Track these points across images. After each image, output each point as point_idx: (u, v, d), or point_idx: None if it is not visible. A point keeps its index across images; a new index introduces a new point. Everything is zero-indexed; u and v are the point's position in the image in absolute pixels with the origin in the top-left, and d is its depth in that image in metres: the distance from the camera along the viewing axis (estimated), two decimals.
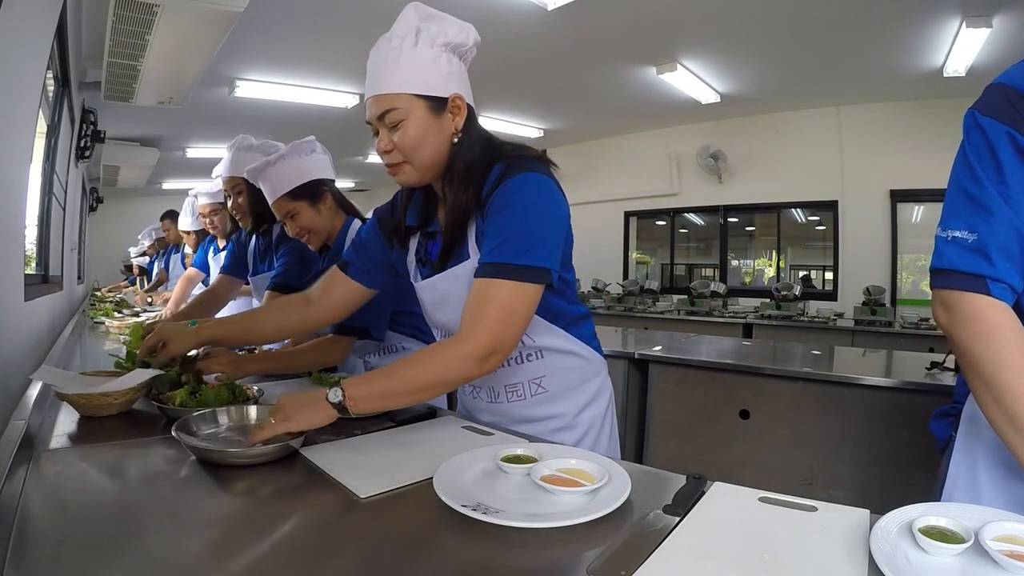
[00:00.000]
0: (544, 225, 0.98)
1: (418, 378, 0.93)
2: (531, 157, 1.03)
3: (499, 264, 0.94)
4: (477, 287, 0.96)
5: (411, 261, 1.18)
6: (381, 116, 1.00)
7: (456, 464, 0.83)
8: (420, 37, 0.99)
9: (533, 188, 0.98)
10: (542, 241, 0.96)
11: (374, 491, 0.79)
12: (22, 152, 1.70)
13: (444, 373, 0.94)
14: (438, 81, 1.00)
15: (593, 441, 1.17)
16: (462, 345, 0.93)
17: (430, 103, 1.00)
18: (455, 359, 0.93)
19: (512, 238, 0.95)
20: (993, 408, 0.71)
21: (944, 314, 0.76)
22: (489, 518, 0.65)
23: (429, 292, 1.13)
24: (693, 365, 2.66)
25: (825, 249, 5.61)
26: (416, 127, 0.99)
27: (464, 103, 1.03)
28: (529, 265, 0.94)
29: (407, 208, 1.15)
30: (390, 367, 0.97)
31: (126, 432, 1.07)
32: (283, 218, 1.68)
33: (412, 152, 1.00)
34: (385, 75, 1.00)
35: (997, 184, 0.71)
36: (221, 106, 4.98)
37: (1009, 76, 0.74)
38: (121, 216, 8.87)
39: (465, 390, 1.24)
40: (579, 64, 4.41)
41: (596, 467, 0.79)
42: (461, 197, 1.02)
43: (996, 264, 0.71)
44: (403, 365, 0.96)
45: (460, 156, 1.03)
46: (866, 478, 2.22)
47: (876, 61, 4.19)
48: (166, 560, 0.60)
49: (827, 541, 0.63)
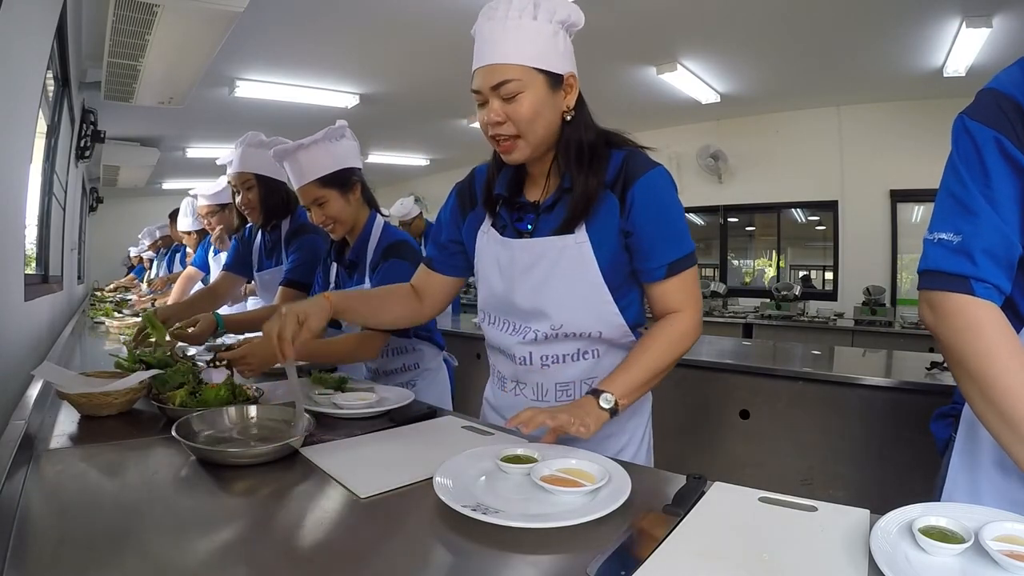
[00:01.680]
0: (683, 212, 1.09)
1: (666, 356, 1.04)
2: (641, 148, 1.10)
3: (680, 259, 1.05)
4: (673, 280, 1.05)
5: (485, 230, 1.16)
6: (496, 87, 0.98)
7: (456, 464, 0.82)
8: (539, 11, 0.98)
9: (669, 181, 1.07)
10: (687, 229, 1.08)
11: (374, 491, 0.79)
12: (22, 152, 1.70)
13: (681, 346, 1.06)
14: (556, 57, 1.00)
15: (634, 451, 1.15)
16: (684, 321, 1.06)
17: (548, 78, 0.99)
18: (684, 333, 1.06)
19: (676, 234, 1.05)
20: (981, 404, 0.71)
21: (930, 313, 0.77)
22: (489, 518, 0.65)
23: (525, 252, 1.09)
24: (693, 365, 2.66)
25: (825, 249, 5.60)
26: (533, 100, 0.98)
27: (576, 82, 1.04)
28: (692, 250, 1.07)
29: (496, 176, 1.14)
30: (630, 360, 1.04)
31: (126, 432, 1.07)
32: (310, 204, 1.63)
33: (527, 125, 1.00)
34: (504, 45, 0.98)
35: (983, 188, 0.72)
36: (221, 106, 4.98)
37: (999, 81, 0.75)
38: (121, 216, 8.87)
39: (506, 385, 1.21)
40: (579, 64, 4.39)
41: (596, 467, 0.79)
42: (590, 180, 1.03)
43: (979, 264, 0.72)
44: (644, 352, 1.04)
45: (574, 136, 1.04)
46: (866, 478, 2.22)
47: (876, 61, 4.19)
48: (166, 560, 0.60)
49: (827, 541, 0.63)
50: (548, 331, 1.09)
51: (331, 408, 1.21)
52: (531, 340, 1.11)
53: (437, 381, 1.80)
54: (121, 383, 1.18)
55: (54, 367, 1.29)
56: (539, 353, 1.11)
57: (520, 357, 1.13)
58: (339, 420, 1.18)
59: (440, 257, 1.26)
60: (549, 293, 1.07)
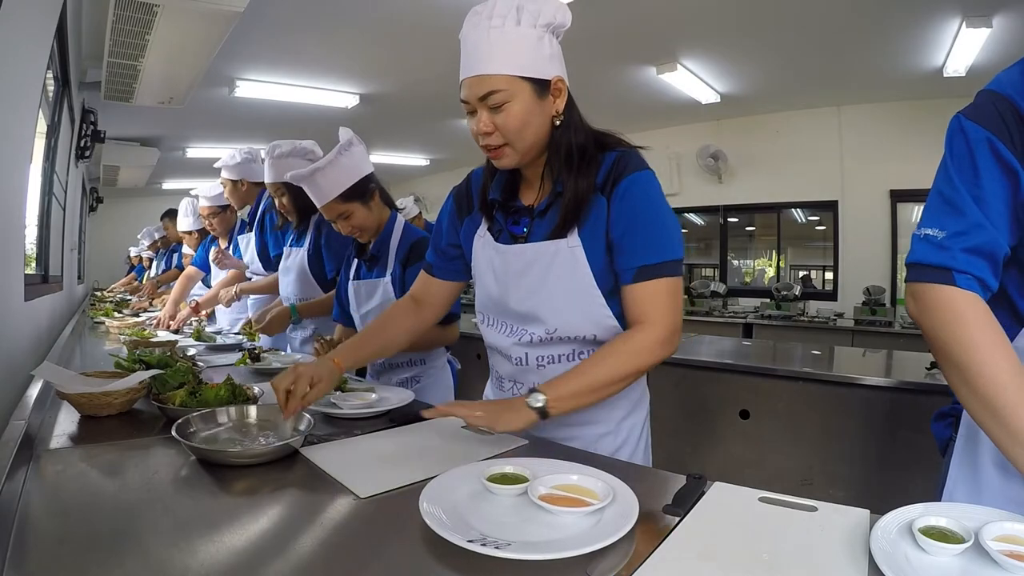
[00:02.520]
0: (673, 220, 1.05)
1: (614, 371, 0.98)
2: (635, 149, 1.06)
3: (659, 264, 1.00)
4: (643, 286, 1.00)
5: (481, 234, 1.16)
6: (483, 97, 0.98)
7: (441, 487, 0.75)
8: (522, 16, 0.97)
9: (656, 186, 1.04)
10: (676, 235, 1.04)
11: (374, 491, 0.79)
12: (22, 152, 1.70)
13: (636, 361, 0.99)
14: (542, 63, 0.98)
15: (631, 450, 1.15)
16: (648, 332, 0.99)
17: (534, 85, 0.98)
18: (645, 346, 0.99)
19: (659, 238, 1.01)
20: (966, 393, 0.72)
21: (913, 304, 0.78)
22: (502, 553, 0.59)
23: (518, 258, 1.09)
24: (693, 365, 2.66)
25: (825, 249, 5.60)
26: (520, 110, 0.98)
27: (565, 85, 1.02)
28: (678, 259, 1.03)
29: (491, 181, 1.15)
30: (580, 367, 1.00)
31: (126, 432, 1.07)
32: (335, 219, 1.71)
33: (515, 135, 1.00)
34: (488, 54, 0.97)
35: (971, 187, 0.74)
36: (221, 106, 4.97)
37: (998, 82, 0.76)
38: (121, 216, 8.86)
39: (504, 385, 1.21)
40: (579, 64, 4.38)
41: (598, 484, 0.74)
42: (580, 183, 1.02)
43: (960, 257, 0.73)
44: (594, 362, 1.00)
45: (564, 139, 1.03)
46: (866, 478, 2.22)
47: (876, 61, 4.19)
48: (166, 560, 0.60)
49: (827, 541, 0.63)
50: (543, 335, 1.09)
51: (331, 408, 1.21)
52: (527, 342, 1.11)
53: (441, 381, 1.82)
54: (121, 383, 1.18)
55: (54, 367, 1.29)
56: (535, 354, 1.12)
57: (516, 358, 1.14)
58: (339, 420, 1.18)
59: (439, 263, 1.27)
60: (543, 298, 1.07)
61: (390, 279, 1.73)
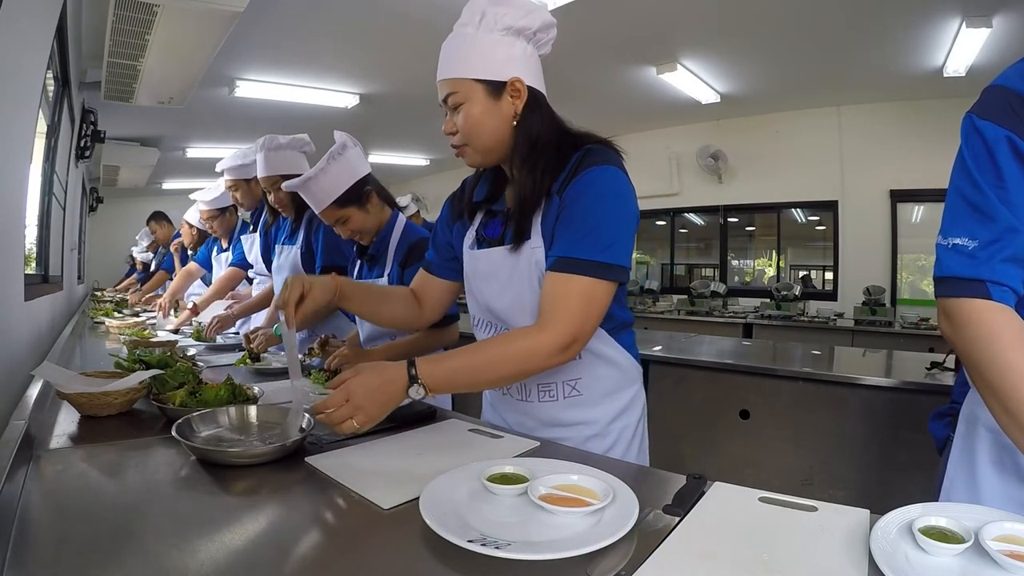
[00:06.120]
0: (621, 222, 0.98)
1: (499, 364, 0.94)
2: (607, 147, 1.03)
3: (580, 260, 0.95)
4: (556, 280, 0.96)
5: (470, 236, 1.17)
6: (444, 100, 1.03)
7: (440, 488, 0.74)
8: (484, 20, 0.99)
9: (612, 182, 0.98)
10: (619, 239, 0.97)
11: (375, 491, 0.78)
12: (22, 152, 1.70)
13: (526, 362, 0.94)
14: (496, 65, 1.00)
15: (623, 452, 1.14)
16: (544, 334, 0.93)
17: (488, 87, 1.00)
18: (537, 348, 0.93)
19: (591, 233, 0.95)
20: (1001, 413, 0.69)
21: (946, 323, 0.74)
22: (502, 553, 0.60)
23: (483, 262, 1.11)
24: (693, 365, 2.66)
25: (825, 249, 5.60)
26: (474, 111, 1.00)
27: (524, 86, 1.01)
28: (608, 263, 0.95)
29: (476, 184, 1.17)
30: (467, 348, 0.97)
31: (126, 432, 1.07)
32: (333, 224, 1.70)
33: (471, 135, 1.02)
34: (448, 60, 1.02)
35: (996, 189, 0.70)
36: (221, 106, 4.97)
37: (1007, 77, 0.72)
38: (121, 216, 8.85)
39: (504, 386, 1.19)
40: (579, 64, 4.40)
41: (598, 483, 0.74)
42: (528, 179, 1.02)
43: (996, 268, 0.70)
44: (481, 348, 0.97)
45: (521, 139, 1.03)
46: (866, 478, 2.22)
47: (876, 61, 4.19)
48: (166, 560, 0.60)
49: (827, 541, 0.63)
50: None
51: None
52: None
53: None
54: (121, 383, 1.18)
55: (54, 367, 1.29)
56: None
57: None
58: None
59: (438, 261, 1.28)
60: (509, 299, 1.08)
61: (387, 280, 1.73)
